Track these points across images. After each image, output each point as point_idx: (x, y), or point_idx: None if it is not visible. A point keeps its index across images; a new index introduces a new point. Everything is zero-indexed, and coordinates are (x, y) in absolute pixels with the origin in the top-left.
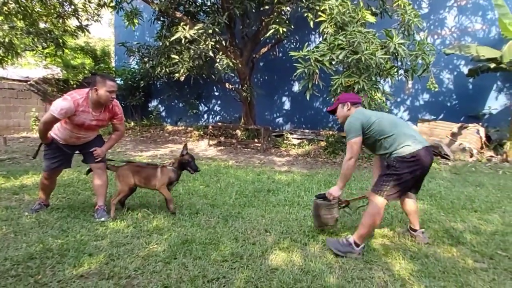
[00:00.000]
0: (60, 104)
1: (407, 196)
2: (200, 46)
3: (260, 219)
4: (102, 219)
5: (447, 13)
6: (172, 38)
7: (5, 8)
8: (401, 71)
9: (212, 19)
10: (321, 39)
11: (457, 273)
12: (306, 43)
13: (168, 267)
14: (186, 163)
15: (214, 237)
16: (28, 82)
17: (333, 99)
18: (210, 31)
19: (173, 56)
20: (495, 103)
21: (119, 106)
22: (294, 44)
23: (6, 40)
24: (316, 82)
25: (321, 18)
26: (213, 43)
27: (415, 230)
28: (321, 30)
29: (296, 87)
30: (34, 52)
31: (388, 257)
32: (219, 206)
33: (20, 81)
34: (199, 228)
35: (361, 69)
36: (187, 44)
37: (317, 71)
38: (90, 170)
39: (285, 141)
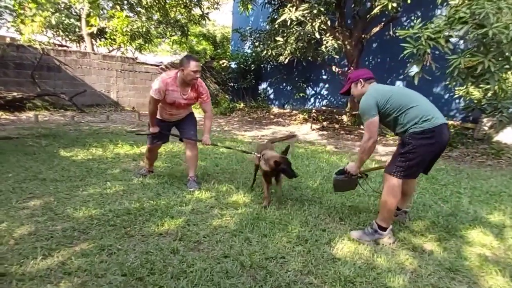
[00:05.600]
0: (153, 86)
1: None
2: (306, 28)
3: (339, 207)
4: (192, 189)
5: None
6: (278, 21)
7: (144, 2)
8: None
9: None
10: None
11: None
12: (418, 20)
13: (233, 239)
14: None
15: (285, 218)
16: (160, 66)
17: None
18: (315, 11)
19: (277, 38)
20: None
21: (204, 86)
22: (415, 21)
23: (144, 30)
24: (428, 64)
25: None
26: (319, 24)
27: (399, 209)
28: (439, 2)
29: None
30: (164, 40)
31: (481, 269)
32: (302, 189)
33: (154, 65)
34: (274, 208)
35: (488, 46)
36: (295, 26)
37: (428, 51)
38: (181, 139)
39: None
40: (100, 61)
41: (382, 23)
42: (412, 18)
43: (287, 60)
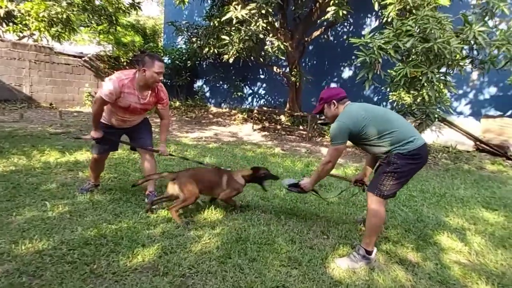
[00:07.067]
0: (106, 86)
1: None
2: (251, 27)
3: (315, 219)
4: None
5: None
6: (223, 18)
7: None
8: (473, 62)
9: None
10: (377, 23)
11: None
12: (369, 30)
13: (223, 268)
14: (261, 178)
15: (269, 236)
16: (83, 58)
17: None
18: (263, 11)
19: (223, 37)
20: None
21: (165, 90)
22: (348, 27)
23: (64, 16)
24: (378, 72)
25: (389, 0)
26: (264, 25)
27: None
28: (387, 13)
29: (346, 73)
30: (89, 28)
31: (466, 278)
32: (270, 199)
33: (75, 56)
34: (252, 224)
35: (431, 58)
36: (237, 25)
37: (380, 60)
38: (134, 148)
39: None
40: (9, 50)
41: (323, 28)
42: (345, 24)
43: (232, 59)
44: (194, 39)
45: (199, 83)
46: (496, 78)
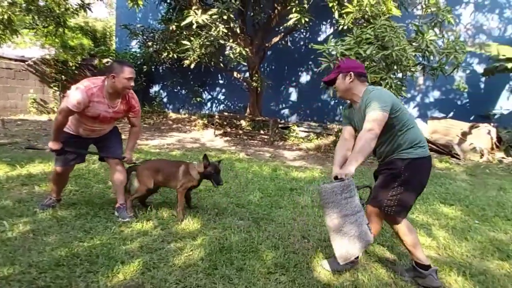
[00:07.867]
0: (73, 95)
1: None
2: (212, 33)
3: (292, 223)
4: (126, 219)
5: (463, 9)
6: (183, 23)
7: None
8: (422, 68)
9: (226, 4)
10: (332, 30)
11: None
12: (325, 36)
13: (211, 280)
14: (208, 175)
15: (252, 244)
16: (27, 62)
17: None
18: (225, 17)
19: (183, 42)
20: (506, 103)
21: (136, 98)
22: (305, 34)
23: (5, 17)
24: None
25: (348, 10)
26: (225, 30)
27: None
28: (345, 22)
29: (304, 78)
30: (34, 30)
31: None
32: (245, 206)
33: (17, 60)
34: (232, 232)
35: (389, 65)
36: (196, 29)
37: None
38: (102, 159)
39: (291, 134)
40: None
41: (282, 34)
42: (302, 30)
43: (193, 65)
44: (150, 43)
45: (155, 88)
46: (439, 83)
